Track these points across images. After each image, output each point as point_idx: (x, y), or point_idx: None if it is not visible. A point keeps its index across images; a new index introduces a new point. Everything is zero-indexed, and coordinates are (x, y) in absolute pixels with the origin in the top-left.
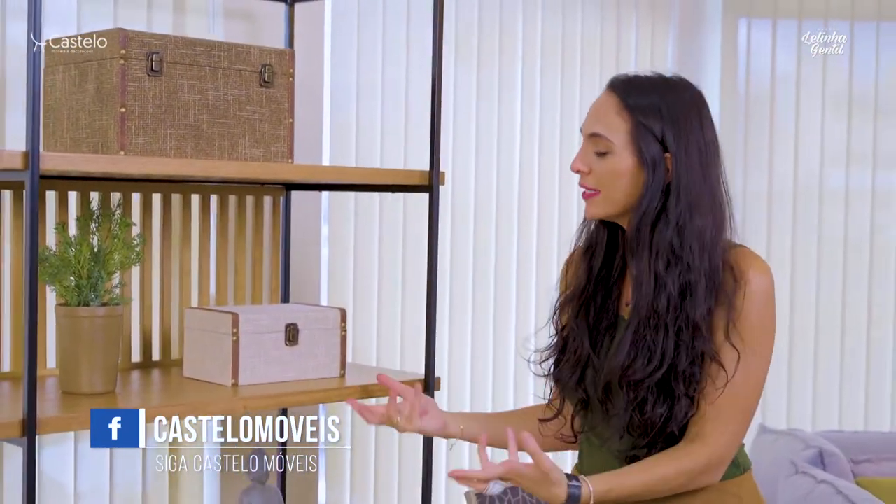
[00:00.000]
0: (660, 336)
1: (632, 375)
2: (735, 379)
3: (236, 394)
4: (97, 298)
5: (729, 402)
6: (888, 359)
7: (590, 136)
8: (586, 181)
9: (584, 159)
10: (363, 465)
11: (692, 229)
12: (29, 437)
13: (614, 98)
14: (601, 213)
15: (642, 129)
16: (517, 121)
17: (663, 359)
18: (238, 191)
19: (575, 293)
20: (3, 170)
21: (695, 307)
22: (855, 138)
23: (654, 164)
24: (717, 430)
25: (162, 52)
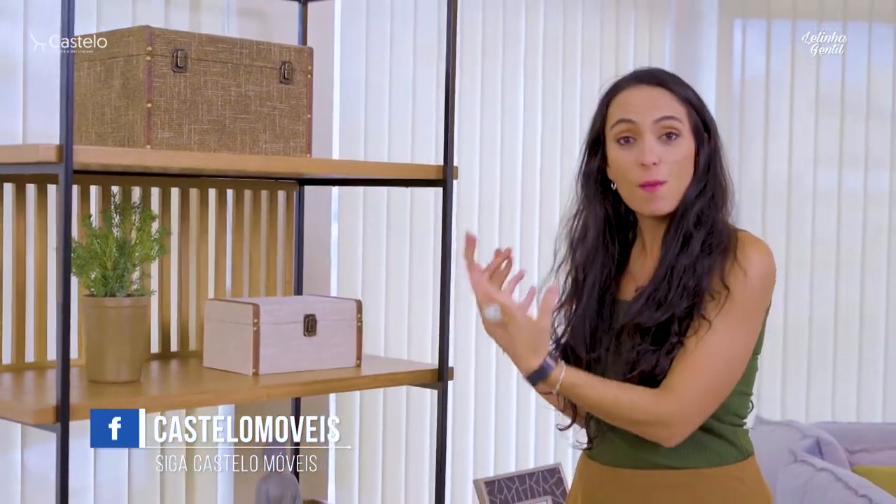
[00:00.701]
0: (672, 287)
1: (638, 321)
2: (711, 339)
3: (257, 382)
4: (123, 289)
5: (704, 361)
6: (879, 353)
7: (657, 122)
8: (658, 174)
9: (654, 150)
10: (371, 464)
11: (721, 198)
12: (62, 423)
13: (662, 89)
14: (671, 206)
15: (694, 114)
16: (520, 117)
17: (670, 306)
18: (253, 185)
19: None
20: (37, 163)
21: (705, 260)
22: (847, 139)
23: (704, 146)
24: (687, 386)
25: (186, 48)
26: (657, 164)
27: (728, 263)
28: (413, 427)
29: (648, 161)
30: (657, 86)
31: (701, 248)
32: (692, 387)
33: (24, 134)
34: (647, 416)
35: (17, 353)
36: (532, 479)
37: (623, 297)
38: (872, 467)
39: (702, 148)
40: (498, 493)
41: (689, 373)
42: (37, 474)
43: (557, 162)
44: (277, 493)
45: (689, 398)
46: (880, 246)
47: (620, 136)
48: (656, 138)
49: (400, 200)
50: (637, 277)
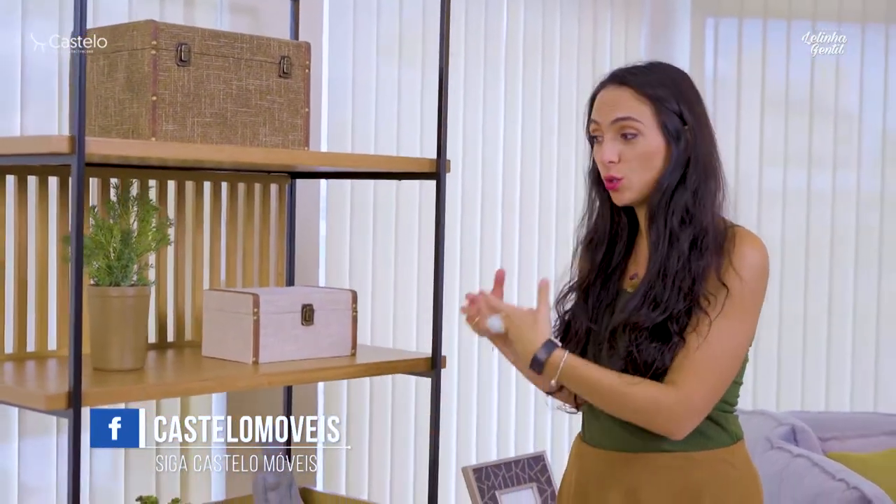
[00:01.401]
0: (666, 288)
1: (636, 320)
2: (712, 337)
3: (258, 370)
4: (127, 279)
5: (704, 357)
6: (847, 345)
7: (614, 123)
8: (616, 170)
9: (613, 149)
10: (358, 452)
11: (705, 192)
12: (75, 409)
13: (626, 88)
14: (633, 199)
15: (663, 107)
16: (500, 112)
17: (666, 307)
18: (246, 179)
19: (579, 283)
20: (49, 154)
21: (699, 260)
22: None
23: (678, 138)
24: (690, 381)
25: (190, 43)
26: (614, 162)
27: (724, 262)
28: (398, 416)
29: (605, 159)
30: (621, 85)
31: (692, 247)
32: (699, 385)
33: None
34: (652, 407)
35: (20, 342)
36: (518, 467)
37: (624, 284)
38: (845, 453)
39: (675, 143)
40: (485, 480)
41: (695, 372)
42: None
43: (537, 155)
44: (274, 481)
45: (697, 396)
46: (848, 243)
47: (592, 134)
48: (618, 137)
49: (385, 194)
50: (637, 263)
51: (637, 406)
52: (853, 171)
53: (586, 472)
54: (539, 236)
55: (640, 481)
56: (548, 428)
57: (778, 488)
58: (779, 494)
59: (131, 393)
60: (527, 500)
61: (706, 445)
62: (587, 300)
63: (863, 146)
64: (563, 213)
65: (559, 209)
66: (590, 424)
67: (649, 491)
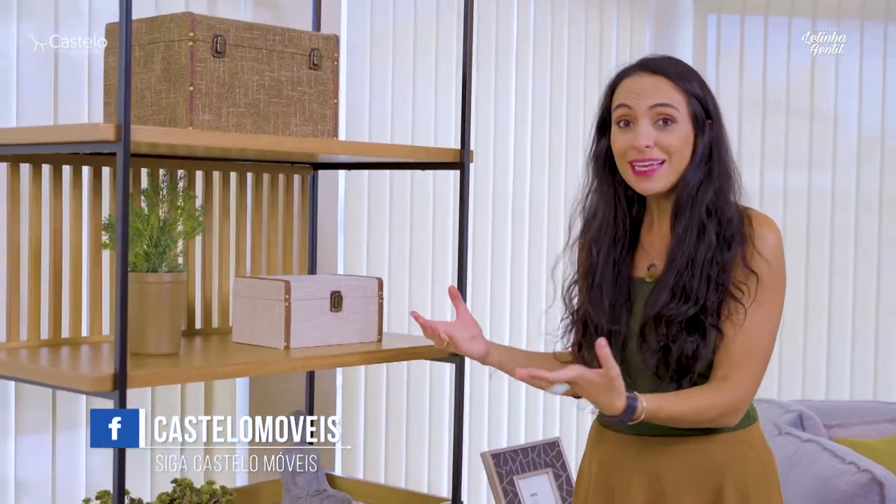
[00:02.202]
0: (695, 280)
1: (667, 313)
2: (751, 325)
3: (289, 355)
4: (163, 265)
5: (747, 346)
6: (847, 336)
7: (652, 108)
8: (650, 154)
9: (649, 133)
10: (375, 437)
11: (728, 185)
12: (120, 391)
13: (662, 77)
14: (664, 186)
15: (693, 99)
16: (511, 104)
17: (697, 299)
18: (271, 169)
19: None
20: (96, 142)
21: (727, 251)
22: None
23: (703, 130)
24: (739, 373)
25: (225, 35)
26: (650, 146)
27: (748, 249)
28: (413, 405)
29: (641, 144)
30: (658, 74)
31: (718, 239)
32: (747, 373)
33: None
34: (718, 412)
35: (55, 329)
36: (534, 453)
37: (638, 273)
38: (850, 439)
39: (701, 135)
40: (503, 465)
41: (739, 361)
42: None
43: (546, 147)
44: (301, 465)
45: (747, 383)
46: (848, 241)
47: (620, 119)
48: (651, 123)
49: (400, 184)
50: (650, 253)
51: (709, 416)
52: (852, 170)
53: (607, 456)
54: (548, 226)
55: (662, 464)
56: (557, 415)
57: (789, 472)
58: (790, 478)
59: (173, 375)
60: (543, 485)
61: (727, 428)
62: (601, 296)
63: (861, 146)
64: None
65: (567, 199)
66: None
67: (672, 473)
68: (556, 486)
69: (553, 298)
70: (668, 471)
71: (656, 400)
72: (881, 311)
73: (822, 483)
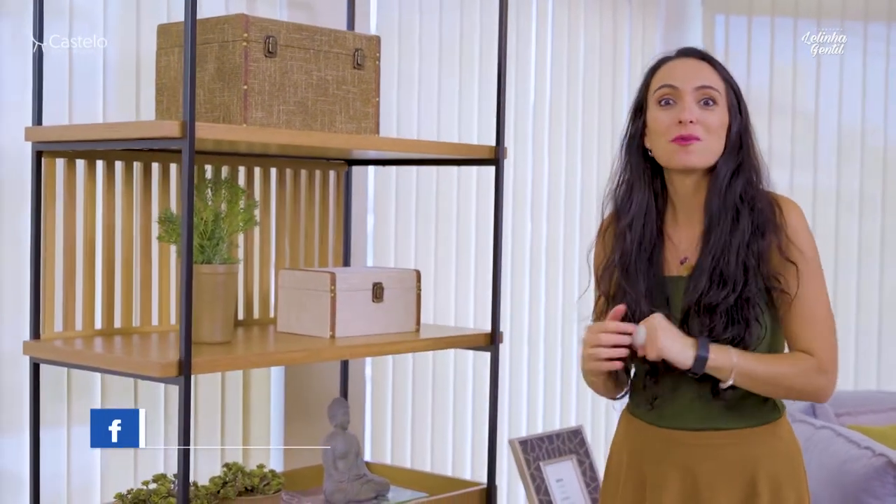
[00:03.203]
0: (731, 266)
1: (707, 301)
2: (806, 293)
3: (334, 343)
4: (217, 257)
5: (811, 314)
6: (850, 328)
7: (698, 89)
8: (693, 130)
9: (692, 110)
10: (401, 424)
11: (758, 179)
12: (185, 377)
13: (706, 63)
14: (701, 162)
15: (730, 88)
16: (530, 100)
17: (735, 285)
18: (308, 166)
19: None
20: (161, 138)
21: (762, 240)
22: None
23: (736, 120)
24: (815, 344)
25: (276, 35)
26: (693, 122)
27: (783, 239)
28: (438, 392)
29: (686, 118)
30: (701, 60)
31: (751, 227)
32: (821, 340)
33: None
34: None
35: (108, 319)
36: (559, 440)
37: (670, 270)
38: (861, 426)
39: (733, 123)
40: (531, 452)
41: (810, 333)
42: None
43: (563, 142)
44: (343, 449)
45: (826, 349)
46: (852, 237)
47: (662, 98)
48: (695, 102)
49: (427, 179)
50: (679, 248)
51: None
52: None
53: (638, 447)
54: (564, 223)
55: (695, 459)
56: (572, 403)
57: (805, 457)
58: (807, 462)
59: (234, 362)
60: (568, 471)
61: (762, 421)
62: (637, 281)
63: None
64: (586, 194)
65: (584, 191)
66: (639, 399)
67: (705, 468)
68: (580, 472)
69: (587, 284)
70: (701, 465)
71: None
72: (885, 303)
73: (838, 468)
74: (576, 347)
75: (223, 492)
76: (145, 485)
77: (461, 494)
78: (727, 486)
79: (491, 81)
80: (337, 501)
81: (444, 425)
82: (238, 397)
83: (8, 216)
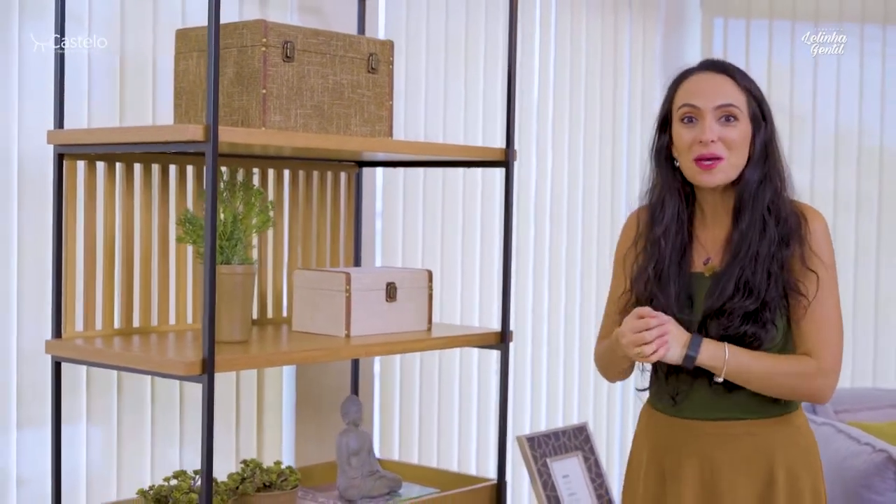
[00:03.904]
0: (757, 275)
1: (730, 307)
2: (822, 299)
3: (349, 342)
4: (235, 258)
5: (823, 318)
6: (847, 326)
7: (718, 108)
8: (714, 149)
9: (714, 129)
10: (408, 422)
11: (783, 186)
12: (209, 375)
13: (726, 77)
14: (725, 180)
15: (753, 102)
16: (534, 102)
17: (759, 293)
18: (320, 167)
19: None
20: (185, 141)
21: (787, 248)
22: (818, 138)
23: (760, 130)
24: (820, 347)
25: (294, 40)
26: (714, 141)
27: (806, 249)
28: (444, 390)
29: (707, 138)
30: (722, 73)
31: (777, 237)
32: (825, 345)
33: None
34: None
35: (126, 318)
36: (564, 437)
37: (695, 268)
38: (860, 423)
39: (758, 133)
40: (537, 448)
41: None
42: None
43: (566, 144)
44: (356, 446)
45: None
46: (849, 236)
47: (684, 116)
48: (716, 120)
49: (433, 181)
50: (705, 248)
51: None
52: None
53: (660, 440)
54: (567, 223)
55: (713, 448)
56: (575, 400)
57: None
58: None
59: (256, 360)
60: (574, 468)
61: (780, 412)
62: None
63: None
64: (588, 195)
65: (585, 192)
66: (661, 394)
67: (724, 457)
68: (585, 469)
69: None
70: (719, 455)
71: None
72: (881, 303)
73: (840, 463)
74: (579, 345)
75: (242, 488)
76: (166, 481)
77: (472, 490)
78: (745, 474)
79: (493, 85)
80: (351, 497)
81: (451, 422)
82: (252, 395)
83: (29, 218)
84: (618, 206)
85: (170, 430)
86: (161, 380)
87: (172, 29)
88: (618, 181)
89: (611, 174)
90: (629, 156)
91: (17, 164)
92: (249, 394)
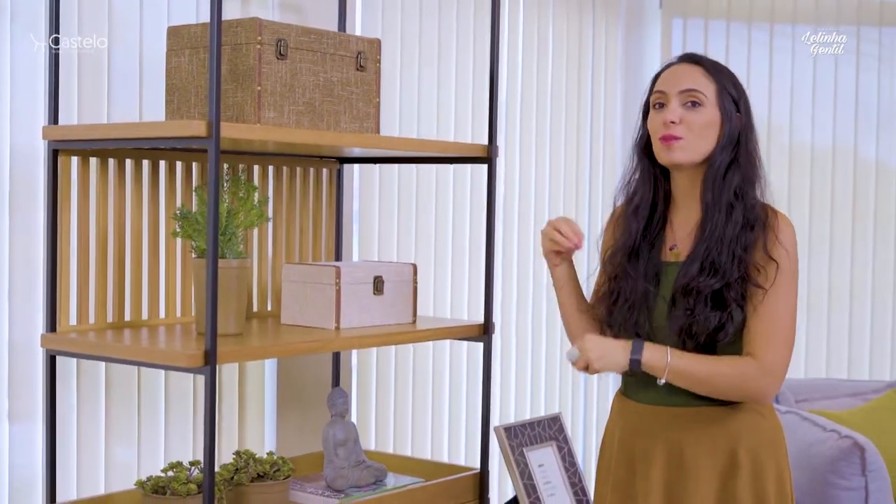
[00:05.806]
0: (722, 255)
1: (696, 285)
2: (775, 297)
3: (339, 335)
4: (230, 252)
5: (772, 317)
6: (801, 317)
7: (682, 93)
8: (675, 129)
9: (676, 111)
10: (384, 423)
11: (753, 175)
12: (211, 367)
13: (698, 67)
14: (685, 159)
15: (724, 91)
16: (504, 99)
17: (724, 274)
18: (302, 163)
19: (624, 246)
20: (188, 137)
21: (751, 232)
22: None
23: (730, 119)
24: (764, 346)
25: (287, 38)
26: (676, 122)
27: (770, 238)
28: (419, 381)
29: (667, 119)
30: (693, 63)
31: (742, 220)
32: (770, 347)
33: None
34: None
35: (118, 312)
36: (539, 426)
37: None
38: (822, 411)
39: (727, 121)
40: (514, 438)
41: (763, 337)
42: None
43: (533, 140)
44: (343, 437)
45: (771, 357)
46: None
47: (656, 102)
48: (681, 104)
49: (407, 177)
50: (675, 232)
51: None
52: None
53: (630, 426)
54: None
55: (681, 432)
56: (556, 390)
57: None
58: None
59: (256, 352)
60: (548, 457)
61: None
62: (636, 264)
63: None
64: (568, 191)
65: (551, 187)
66: (632, 382)
67: (691, 441)
68: (559, 458)
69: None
70: (687, 438)
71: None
72: (834, 297)
73: (806, 450)
74: (560, 338)
75: (237, 478)
76: (164, 472)
77: (456, 479)
78: (709, 452)
79: (464, 82)
80: (339, 487)
81: (425, 412)
82: (234, 382)
83: (21, 214)
84: (582, 198)
85: (158, 423)
86: (147, 373)
87: (159, 26)
88: (582, 176)
89: (575, 169)
90: (592, 152)
91: (8, 160)
92: (231, 387)
